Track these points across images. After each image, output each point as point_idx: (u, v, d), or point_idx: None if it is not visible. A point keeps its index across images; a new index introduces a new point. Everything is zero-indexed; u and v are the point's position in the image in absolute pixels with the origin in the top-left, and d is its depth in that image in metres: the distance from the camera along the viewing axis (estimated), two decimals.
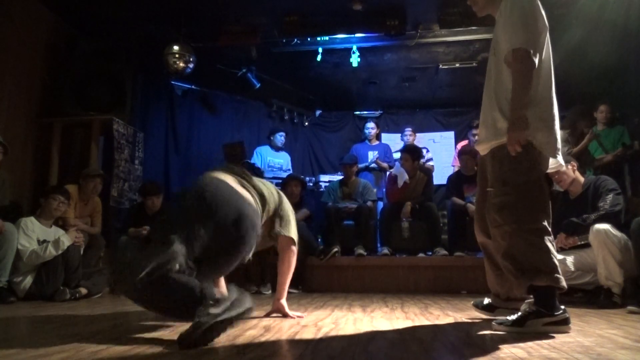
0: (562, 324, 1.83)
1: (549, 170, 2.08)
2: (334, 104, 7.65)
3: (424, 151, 6.07)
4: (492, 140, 2.00)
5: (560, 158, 2.00)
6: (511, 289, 2.14)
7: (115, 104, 4.77)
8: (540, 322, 1.82)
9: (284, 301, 2.39)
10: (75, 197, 4.02)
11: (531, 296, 1.92)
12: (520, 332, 1.79)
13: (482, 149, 2.11)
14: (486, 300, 2.32)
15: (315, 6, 4.67)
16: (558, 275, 1.85)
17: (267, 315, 2.39)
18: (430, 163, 6.05)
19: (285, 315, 2.36)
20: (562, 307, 1.87)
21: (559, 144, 1.96)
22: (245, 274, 4.30)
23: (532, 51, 1.87)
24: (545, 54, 1.98)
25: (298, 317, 2.34)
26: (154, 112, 6.06)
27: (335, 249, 4.54)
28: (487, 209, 2.02)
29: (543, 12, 1.97)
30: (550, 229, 1.92)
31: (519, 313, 1.88)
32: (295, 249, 2.39)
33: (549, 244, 1.88)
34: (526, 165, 1.90)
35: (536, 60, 1.89)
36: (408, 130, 6.22)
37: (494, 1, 2.09)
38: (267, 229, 2.31)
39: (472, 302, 2.42)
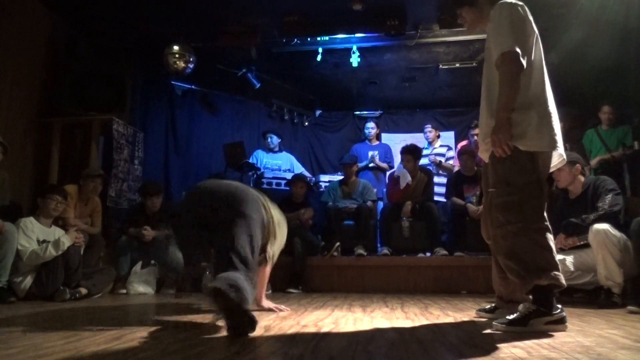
0: (560, 323, 1.88)
1: (553, 167, 2.10)
2: (334, 104, 7.64)
3: (445, 149, 6.01)
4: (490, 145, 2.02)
5: (561, 151, 2.00)
6: (514, 291, 2.17)
7: (115, 104, 4.76)
8: (542, 321, 1.86)
9: (265, 300, 2.68)
10: (75, 197, 4.01)
11: (530, 297, 1.95)
12: (523, 332, 1.81)
13: (484, 157, 2.16)
14: (488, 306, 2.39)
15: (315, 6, 4.66)
16: (558, 274, 1.89)
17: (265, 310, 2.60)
18: (450, 162, 5.82)
19: (270, 310, 2.60)
20: (559, 306, 1.91)
21: (558, 139, 1.96)
22: None
23: (520, 53, 1.90)
24: (537, 58, 2.01)
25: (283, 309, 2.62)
26: (154, 112, 6.06)
27: (338, 243, 4.56)
28: (489, 210, 2.05)
29: (531, 18, 2.02)
30: (550, 227, 1.96)
31: (519, 313, 1.90)
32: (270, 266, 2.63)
33: (551, 243, 1.92)
34: (526, 166, 1.93)
35: (524, 62, 1.90)
36: (428, 127, 6.10)
37: (481, 16, 2.15)
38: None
39: (475, 309, 2.49)
